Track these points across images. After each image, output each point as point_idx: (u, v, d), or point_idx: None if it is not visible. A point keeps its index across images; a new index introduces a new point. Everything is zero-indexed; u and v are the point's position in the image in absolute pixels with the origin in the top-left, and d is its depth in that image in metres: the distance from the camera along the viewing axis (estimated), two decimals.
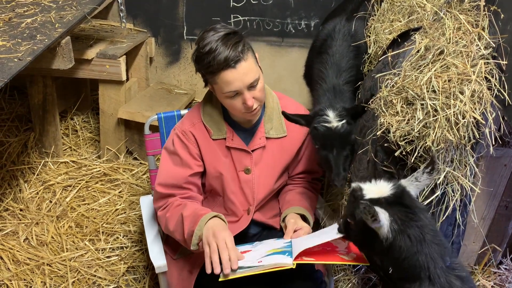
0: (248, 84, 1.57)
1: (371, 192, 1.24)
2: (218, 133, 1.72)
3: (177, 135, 1.73)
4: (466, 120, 1.36)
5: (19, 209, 2.55)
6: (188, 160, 1.72)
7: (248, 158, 1.75)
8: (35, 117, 2.78)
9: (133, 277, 2.28)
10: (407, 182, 1.28)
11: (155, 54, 3.15)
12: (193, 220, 1.59)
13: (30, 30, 2.12)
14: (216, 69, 1.54)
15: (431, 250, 1.19)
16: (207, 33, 1.58)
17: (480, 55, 1.52)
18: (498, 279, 2.17)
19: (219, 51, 1.53)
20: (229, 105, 1.63)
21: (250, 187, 1.77)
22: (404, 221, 1.19)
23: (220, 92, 1.60)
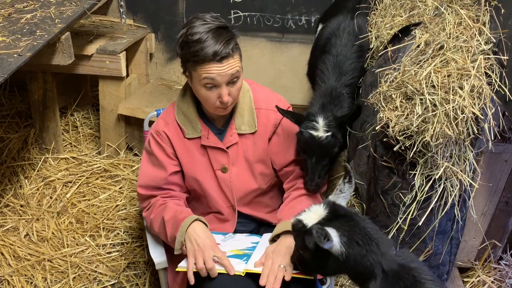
0: (228, 79, 1.56)
1: (310, 219, 1.29)
2: (193, 131, 1.70)
3: (152, 136, 1.74)
4: (465, 115, 1.35)
5: (20, 205, 2.56)
6: (164, 160, 1.72)
7: (225, 156, 1.72)
8: (35, 113, 2.78)
9: (133, 273, 2.29)
10: (334, 196, 1.35)
11: (155, 50, 3.15)
12: (174, 225, 1.62)
13: (30, 25, 2.12)
14: (201, 60, 1.52)
15: (378, 246, 1.25)
16: (197, 21, 1.56)
17: (481, 50, 1.52)
18: (498, 274, 2.17)
19: (209, 43, 1.51)
20: (204, 95, 1.60)
21: (228, 186, 1.75)
22: (349, 230, 1.24)
23: (197, 80, 1.58)
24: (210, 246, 1.54)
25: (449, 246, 1.71)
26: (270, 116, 1.76)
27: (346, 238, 1.23)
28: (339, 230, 1.23)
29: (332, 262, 1.27)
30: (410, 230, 1.60)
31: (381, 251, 1.25)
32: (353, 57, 2.09)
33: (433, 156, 1.41)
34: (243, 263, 1.56)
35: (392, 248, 1.29)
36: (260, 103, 1.75)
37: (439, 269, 1.75)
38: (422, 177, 1.46)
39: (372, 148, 1.65)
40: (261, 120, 1.75)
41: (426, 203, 1.52)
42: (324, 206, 1.30)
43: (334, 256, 1.25)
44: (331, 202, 1.32)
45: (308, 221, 1.29)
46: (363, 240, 1.24)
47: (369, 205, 1.77)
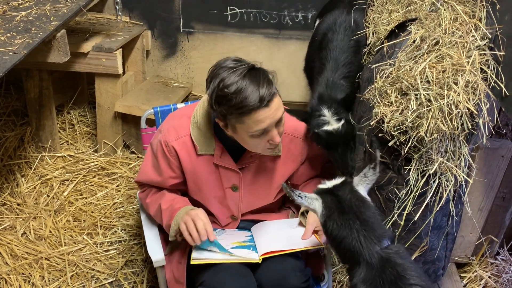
0: (277, 120, 1.49)
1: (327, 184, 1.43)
2: (207, 149, 1.63)
3: (160, 144, 1.67)
4: (460, 110, 1.35)
5: (17, 204, 2.55)
6: (166, 172, 1.69)
7: (237, 176, 1.68)
8: (31, 111, 2.77)
9: (131, 271, 2.29)
10: (358, 178, 1.42)
11: (152, 47, 3.14)
12: (170, 214, 1.64)
13: (25, 23, 2.11)
14: (248, 110, 1.42)
15: (359, 235, 1.33)
16: (224, 71, 1.44)
17: (476, 46, 1.51)
18: (495, 269, 2.18)
19: (251, 90, 1.41)
20: (251, 144, 1.53)
21: (236, 204, 1.74)
22: (331, 209, 1.36)
23: (244, 131, 1.49)
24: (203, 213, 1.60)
25: (444, 241, 1.71)
26: (299, 144, 1.74)
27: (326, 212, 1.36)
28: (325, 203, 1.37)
29: None
30: (406, 226, 1.60)
31: (361, 241, 1.32)
32: (350, 51, 2.09)
33: (427, 151, 1.41)
34: (253, 252, 1.59)
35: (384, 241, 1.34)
36: (288, 129, 1.68)
37: (435, 264, 1.75)
38: (417, 172, 1.46)
39: (368, 144, 1.65)
40: (288, 146, 1.71)
41: (421, 199, 1.52)
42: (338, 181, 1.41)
43: None
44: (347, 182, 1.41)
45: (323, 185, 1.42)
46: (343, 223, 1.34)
47: None
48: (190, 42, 3.14)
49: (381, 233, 1.34)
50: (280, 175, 1.73)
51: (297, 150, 1.74)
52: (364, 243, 1.31)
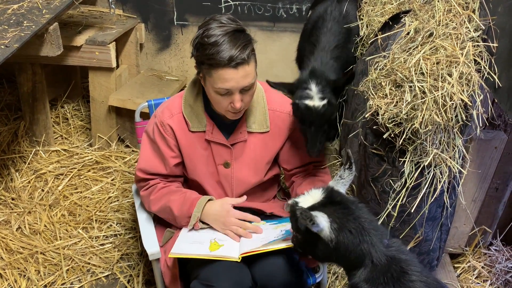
0: (242, 87, 1.54)
1: (306, 202, 1.31)
2: (198, 125, 1.70)
3: (156, 125, 1.73)
4: (454, 102, 1.36)
5: (11, 198, 2.54)
6: (166, 152, 1.72)
7: (228, 152, 1.73)
8: (24, 105, 2.75)
9: (127, 264, 2.29)
10: (334, 182, 1.36)
11: (145, 40, 3.12)
12: (185, 203, 1.68)
13: (17, 16, 2.09)
14: (216, 64, 1.49)
15: (371, 237, 1.26)
16: (214, 23, 1.52)
17: (470, 37, 1.52)
18: (488, 260, 2.20)
19: (225, 47, 1.48)
20: (215, 100, 1.60)
21: (228, 181, 1.77)
22: (341, 218, 1.25)
23: (210, 85, 1.56)
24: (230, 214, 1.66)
25: (439, 232, 1.72)
26: (286, 120, 1.77)
27: (337, 225, 1.23)
28: (331, 216, 1.24)
29: (322, 247, 1.28)
30: (400, 217, 1.61)
31: (373, 242, 1.25)
32: (341, 36, 2.11)
33: (422, 143, 1.42)
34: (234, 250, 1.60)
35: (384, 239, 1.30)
36: (274, 105, 1.75)
37: (429, 255, 1.77)
38: (411, 164, 1.47)
39: (363, 136, 1.66)
40: (275, 122, 1.75)
41: (416, 190, 1.53)
42: (322, 191, 1.31)
43: (324, 241, 1.25)
44: (330, 187, 1.33)
45: (303, 204, 1.30)
46: (356, 229, 1.25)
47: (360, 192, 1.78)
48: (184, 35, 3.12)
49: (383, 231, 1.30)
50: (270, 150, 1.77)
51: (284, 125, 1.77)
52: (375, 244, 1.26)
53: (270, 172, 1.83)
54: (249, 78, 1.55)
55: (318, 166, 1.87)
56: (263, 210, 1.85)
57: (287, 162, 1.84)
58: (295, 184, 1.86)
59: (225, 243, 1.63)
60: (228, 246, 1.62)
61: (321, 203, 1.29)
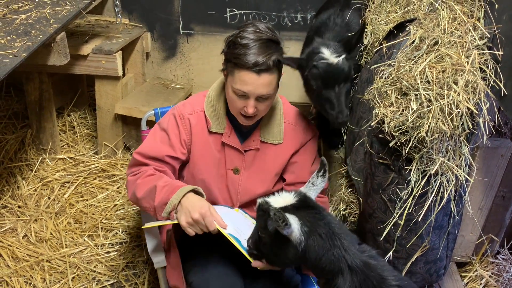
0: (259, 94, 1.57)
1: (277, 203, 1.29)
2: (217, 126, 1.71)
3: (174, 116, 1.73)
4: (460, 110, 1.36)
5: (18, 206, 2.55)
6: (174, 142, 1.71)
7: (240, 158, 1.74)
8: (31, 114, 2.77)
9: (132, 272, 2.29)
10: (305, 188, 1.36)
11: (151, 49, 3.14)
12: (169, 190, 1.58)
13: (25, 26, 2.11)
14: (241, 65, 1.54)
15: (342, 241, 1.25)
16: (251, 27, 1.58)
17: (475, 45, 1.52)
18: (496, 269, 2.18)
19: (253, 52, 1.53)
20: (231, 99, 1.63)
21: (235, 188, 1.77)
22: (312, 222, 1.24)
23: (230, 83, 1.60)
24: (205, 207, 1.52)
25: (446, 241, 1.71)
26: (299, 135, 1.79)
27: (307, 228, 1.23)
28: (302, 219, 1.24)
29: (290, 250, 1.26)
30: (407, 226, 1.61)
31: (345, 246, 1.25)
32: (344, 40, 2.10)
33: (428, 151, 1.42)
34: None
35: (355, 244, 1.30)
36: (289, 118, 1.79)
37: (436, 264, 1.76)
38: (418, 173, 1.47)
39: (368, 145, 1.66)
40: (288, 135, 1.77)
41: (422, 199, 1.52)
42: (294, 195, 1.31)
43: (293, 244, 1.24)
44: (302, 193, 1.34)
45: (274, 204, 1.29)
46: (326, 234, 1.24)
47: (366, 201, 1.78)
48: (189, 44, 3.14)
49: (353, 237, 1.30)
50: (280, 162, 1.78)
51: (297, 139, 1.79)
52: (348, 249, 1.25)
53: (278, 184, 1.83)
54: (269, 88, 1.58)
55: None
56: None
57: (291, 172, 1.83)
58: None
59: None
60: None
61: (293, 206, 1.29)
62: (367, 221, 1.79)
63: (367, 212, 1.77)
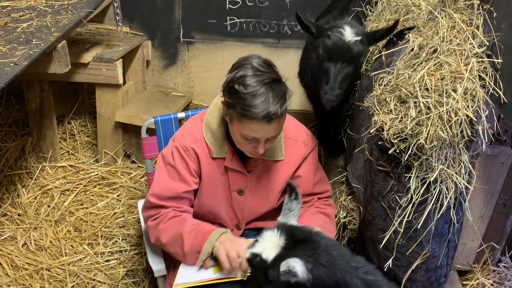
0: (270, 137, 1.54)
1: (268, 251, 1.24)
2: (219, 151, 1.67)
3: (177, 149, 1.67)
4: (459, 117, 1.36)
5: (17, 214, 2.55)
6: (186, 176, 1.67)
7: (244, 179, 1.72)
8: (32, 121, 2.78)
9: (132, 281, 2.28)
10: (284, 217, 1.33)
11: (152, 57, 3.16)
12: (198, 236, 1.59)
13: (26, 34, 2.13)
14: (250, 116, 1.45)
15: (341, 264, 1.23)
16: (249, 69, 1.47)
17: (474, 53, 1.53)
18: (498, 277, 2.17)
19: (262, 101, 1.43)
20: (239, 142, 1.58)
21: (240, 208, 1.76)
22: (312, 255, 1.21)
23: (237, 129, 1.53)
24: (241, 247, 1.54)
25: (446, 248, 1.70)
26: (300, 149, 1.75)
27: (311, 264, 1.20)
28: (303, 257, 1.19)
29: None
30: (407, 233, 1.60)
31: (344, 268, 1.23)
32: None
33: (427, 158, 1.42)
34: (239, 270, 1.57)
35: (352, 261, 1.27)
36: (290, 133, 1.74)
37: (437, 272, 1.75)
38: (417, 180, 1.46)
39: (368, 152, 1.66)
40: (289, 150, 1.74)
41: (422, 206, 1.52)
42: (278, 232, 1.26)
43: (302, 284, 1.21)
44: (285, 225, 1.29)
45: (267, 254, 1.24)
46: (328, 261, 1.22)
47: (366, 208, 1.77)
48: (190, 52, 3.16)
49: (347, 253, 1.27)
50: (283, 179, 1.76)
51: (298, 154, 1.76)
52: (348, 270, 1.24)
53: (282, 198, 1.80)
54: (279, 129, 1.54)
55: (322, 197, 1.84)
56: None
57: None
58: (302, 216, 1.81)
59: None
60: None
61: (286, 247, 1.24)
62: (367, 228, 1.79)
63: (367, 219, 1.77)
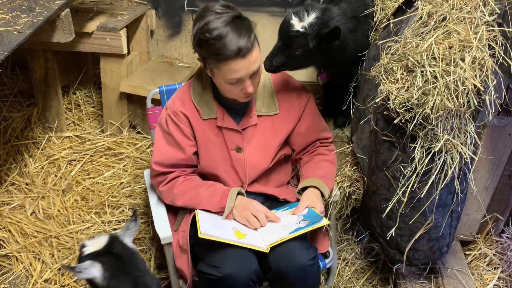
0: (252, 72, 1.56)
1: (92, 246, 1.46)
2: (209, 112, 1.71)
3: (169, 116, 1.73)
4: (466, 87, 1.34)
5: (25, 183, 2.59)
6: (182, 141, 1.73)
7: (240, 137, 1.74)
8: (37, 92, 2.78)
9: (139, 249, 2.32)
10: (121, 232, 1.51)
11: (156, 26, 3.12)
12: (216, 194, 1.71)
13: (29, 2, 2.10)
14: (225, 58, 1.49)
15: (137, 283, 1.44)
16: (209, 15, 1.51)
17: (485, 21, 1.49)
18: (500, 247, 2.18)
19: (231, 39, 1.47)
20: (226, 89, 1.62)
21: (242, 166, 1.77)
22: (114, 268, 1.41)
23: (220, 78, 1.58)
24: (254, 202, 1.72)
25: (449, 219, 1.71)
26: (294, 102, 1.79)
27: (109, 273, 1.40)
28: (105, 265, 1.41)
29: None
30: (410, 203, 1.61)
31: None
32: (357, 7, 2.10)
33: (433, 128, 1.40)
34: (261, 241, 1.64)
35: None
36: (280, 87, 1.78)
37: (439, 241, 1.76)
38: (422, 150, 1.46)
39: (374, 122, 1.65)
40: (283, 103, 1.77)
41: (426, 176, 1.52)
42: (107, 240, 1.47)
43: None
44: (116, 238, 1.49)
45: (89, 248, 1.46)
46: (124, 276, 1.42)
47: (370, 178, 1.78)
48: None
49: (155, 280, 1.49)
50: (280, 132, 1.79)
51: (292, 107, 1.79)
52: None
53: (280, 151, 1.84)
54: (257, 62, 1.57)
55: (324, 143, 1.90)
56: (276, 196, 1.86)
57: (296, 142, 1.86)
58: (302, 162, 1.89)
59: (247, 233, 1.65)
60: (251, 236, 1.64)
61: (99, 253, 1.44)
62: (371, 198, 1.79)
63: (371, 189, 1.78)
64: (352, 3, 2.11)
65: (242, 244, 1.58)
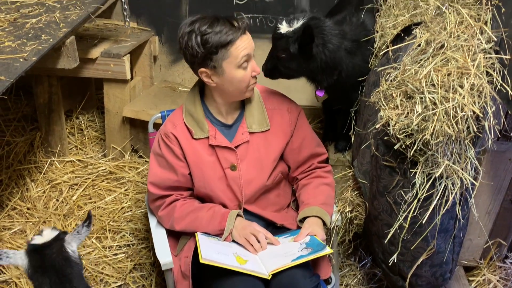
0: (253, 50, 1.64)
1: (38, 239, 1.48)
2: (201, 132, 1.73)
3: (161, 138, 1.77)
4: (465, 113, 1.35)
5: (27, 208, 2.58)
6: (174, 163, 1.75)
7: (233, 154, 1.75)
8: (41, 116, 2.80)
9: (140, 274, 2.30)
10: (71, 235, 1.50)
11: (159, 52, 3.17)
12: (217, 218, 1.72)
13: (35, 30, 2.14)
14: (230, 40, 1.56)
15: None
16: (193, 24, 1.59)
17: (482, 49, 1.52)
18: (504, 273, 2.16)
19: (224, 23, 1.57)
20: (240, 79, 1.64)
21: (237, 184, 1.77)
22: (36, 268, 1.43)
23: (231, 66, 1.60)
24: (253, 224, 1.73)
25: (451, 244, 1.71)
26: (285, 116, 1.81)
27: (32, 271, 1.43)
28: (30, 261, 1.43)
29: None
30: (412, 229, 1.60)
31: None
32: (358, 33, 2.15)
33: (433, 154, 1.41)
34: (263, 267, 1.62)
35: None
36: (271, 103, 1.81)
37: (442, 267, 1.75)
38: (423, 175, 1.46)
39: (374, 147, 1.66)
40: (274, 119, 1.79)
41: (427, 202, 1.52)
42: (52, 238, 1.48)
43: None
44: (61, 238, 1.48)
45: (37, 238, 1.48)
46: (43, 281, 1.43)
47: (371, 203, 1.78)
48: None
49: None
50: (274, 148, 1.80)
51: (284, 121, 1.81)
52: None
53: (277, 168, 1.84)
54: (253, 43, 1.65)
55: (321, 162, 1.90)
56: (274, 221, 1.85)
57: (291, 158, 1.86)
58: (300, 184, 1.89)
59: (249, 259, 1.64)
60: (253, 262, 1.62)
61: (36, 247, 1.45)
62: (373, 223, 1.79)
63: (372, 214, 1.77)
64: (354, 27, 2.16)
65: (243, 270, 1.56)
